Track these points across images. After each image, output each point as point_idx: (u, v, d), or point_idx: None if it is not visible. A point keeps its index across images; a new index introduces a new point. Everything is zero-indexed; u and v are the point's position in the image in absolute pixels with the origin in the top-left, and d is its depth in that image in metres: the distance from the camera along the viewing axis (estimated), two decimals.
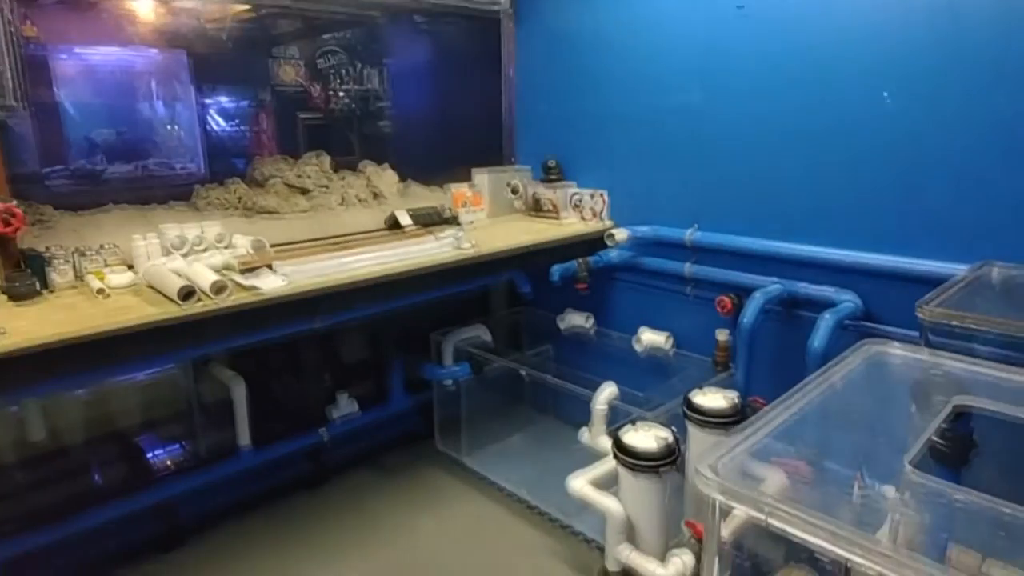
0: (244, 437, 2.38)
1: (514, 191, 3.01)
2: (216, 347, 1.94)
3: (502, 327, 3.14)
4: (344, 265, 2.02)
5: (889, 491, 1.19)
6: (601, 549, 2.29)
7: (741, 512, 0.92)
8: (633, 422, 1.87)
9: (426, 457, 2.93)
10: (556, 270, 2.59)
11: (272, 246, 2.20)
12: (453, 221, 2.75)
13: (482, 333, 2.86)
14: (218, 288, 1.70)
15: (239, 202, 2.69)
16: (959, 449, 1.07)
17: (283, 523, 2.48)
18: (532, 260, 2.51)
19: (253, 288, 1.79)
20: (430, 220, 2.68)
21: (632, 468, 1.76)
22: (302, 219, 2.55)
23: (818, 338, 1.89)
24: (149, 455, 2.49)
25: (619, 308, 2.85)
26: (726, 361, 2.38)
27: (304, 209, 2.65)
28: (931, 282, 1.89)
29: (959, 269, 1.82)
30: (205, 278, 1.72)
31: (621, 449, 1.79)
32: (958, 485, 0.92)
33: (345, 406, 2.70)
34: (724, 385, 2.36)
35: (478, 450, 2.87)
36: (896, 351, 1.18)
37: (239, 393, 2.33)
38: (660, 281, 2.65)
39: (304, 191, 2.73)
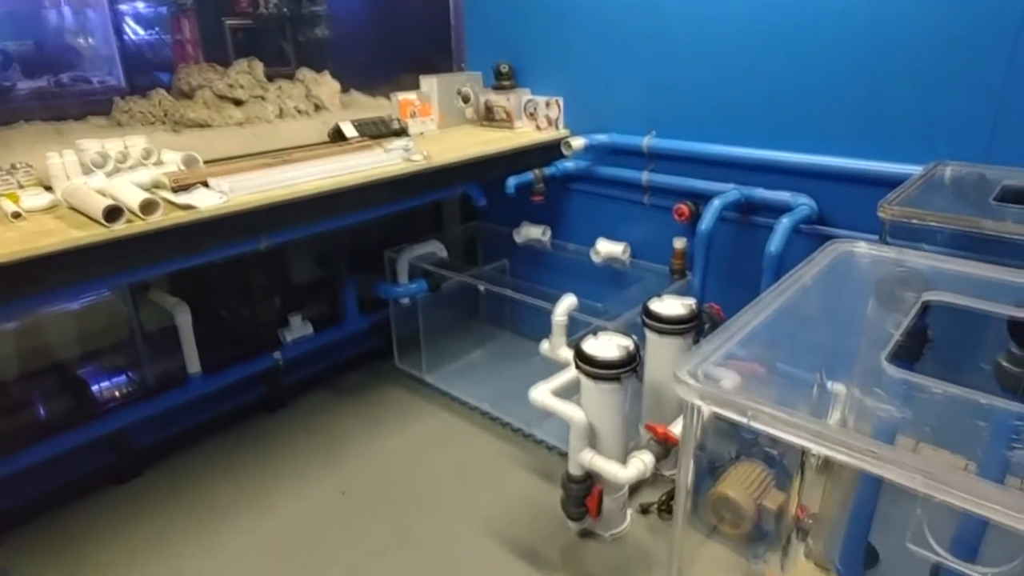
0: (193, 364, 2.29)
1: (465, 99, 2.86)
2: (150, 272, 1.81)
3: (456, 242, 3.06)
4: (287, 179, 1.89)
5: (839, 387, 1.23)
6: (563, 455, 2.35)
7: (706, 412, 0.92)
8: (595, 332, 1.87)
9: (385, 376, 2.91)
10: (512, 181, 2.51)
11: (205, 163, 2.04)
12: (402, 132, 2.61)
13: (437, 249, 2.79)
14: (148, 206, 1.56)
15: (165, 116, 2.48)
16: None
17: (243, 447, 2.45)
18: (486, 171, 2.41)
19: (188, 206, 1.65)
20: (377, 131, 2.53)
21: (594, 377, 1.77)
22: (237, 133, 2.37)
23: (775, 242, 1.89)
24: (94, 386, 2.39)
25: (576, 219, 2.80)
26: (682, 269, 2.39)
27: (238, 121, 2.46)
28: (885, 183, 1.89)
29: (913, 170, 1.83)
30: (133, 197, 1.58)
31: (583, 358, 1.80)
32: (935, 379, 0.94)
33: (298, 328, 2.62)
34: (681, 293, 2.38)
35: (438, 367, 2.87)
36: (863, 250, 1.18)
37: (184, 319, 2.23)
38: (617, 190, 2.60)
39: (237, 102, 2.53)
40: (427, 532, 2.04)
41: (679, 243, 2.36)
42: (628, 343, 1.80)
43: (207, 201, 1.69)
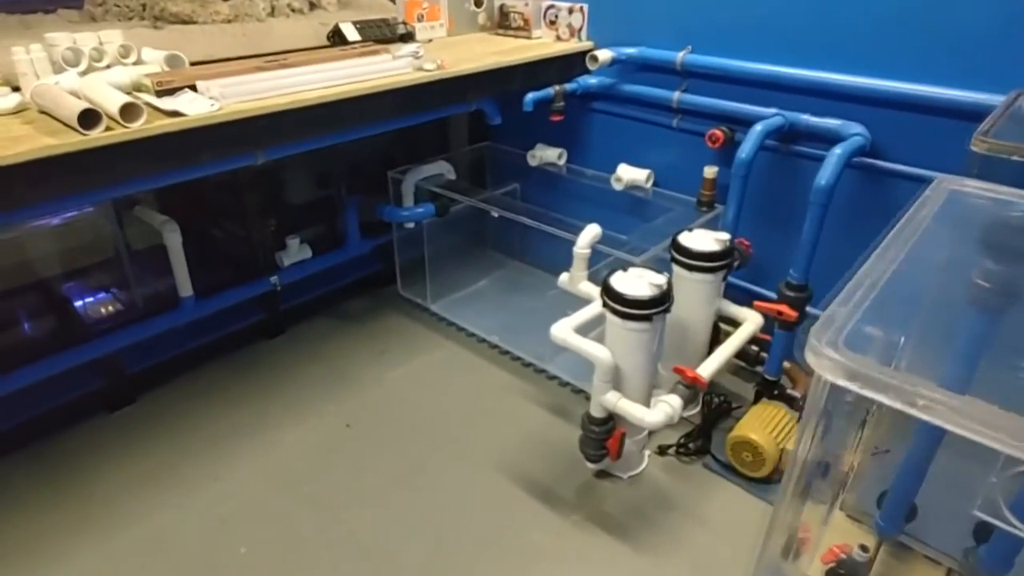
0: (185, 287, 2.13)
1: (477, 3, 2.58)
2: (134, 187, 1.62)
3: (464, 164, 2.86)
4: (286, 86, 1.67)
5: None
6: (576, 391, 2.27)
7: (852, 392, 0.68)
8: (624, 267, 1.73)
9: (388, 303, 2.78)
10: (530, 97, 2.28)
11: (191, 64, 1.81)
12: (408, 38, 2.36)
13: (445, 171, 2.59)
14: (129, 111, 1.36)
15: (144, 10, 2.21)
16: None
17: (242, 375, 2.34)
18: (503, 84, 2.19)
19: (175, 112, 1.45)
20: (382, 35, 2.28)
21: (623, 316, 1.64)
22: (224, 31, 2.11)
23: (825, 174, 1.72)
24: (78, 305, 2.24)
25: (595, 142, 2.60)
26: (712, 200, 2.23)
27: (225, 18, 2.19)
28: (951, 113, 1.74)
29: (985, 100, 1.65)
30: (111, 99, 1.37)
31: (611, 296, 1.66)
32: None
33: (296, 252, 2.46)
34: (709, 226, 2.23)
35: (444, 296, 2.73)
36: (973, 188, 1.03)
37: (173, 239, 2.05)
38: (643, 111, 2.39)
39: None
40: (437, 467, 1.96)
41: (710, 172, 2.19)
42: (660, 280, 1.67)
43: (196, 107, 1.48)
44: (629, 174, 2.40)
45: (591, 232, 1.95)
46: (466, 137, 2.97)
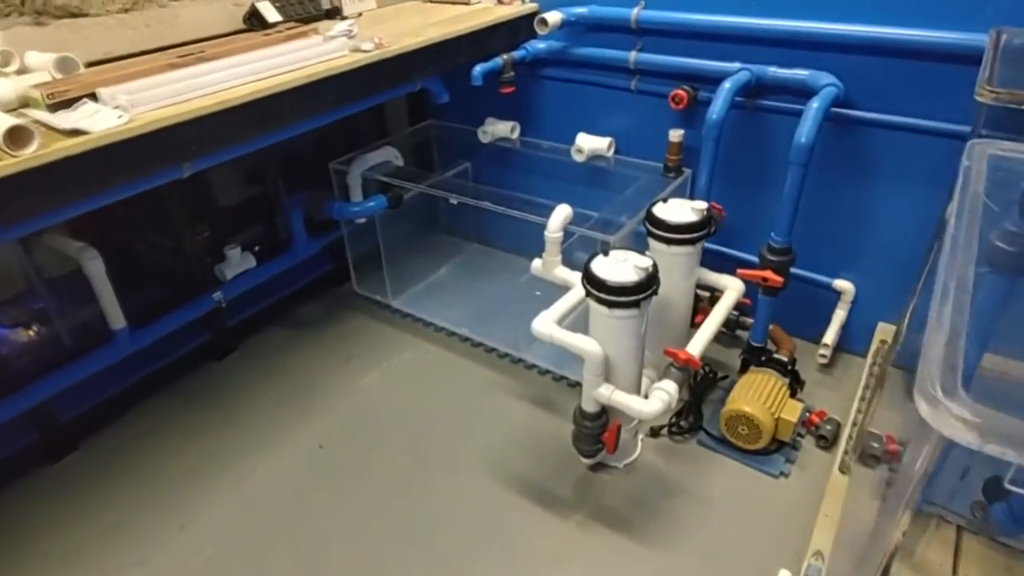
0: (116, 319, 1.90)
1: None
2: (33, 225, 1.39)
3: (406, 146, 2.66)
4: (206, 85, 1.45)
5: None
6: (557, 379, 2.17)
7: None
8: (605, 252, 1.61)
9: (345, 304, 2.60)
10: (478, 70, 2.11)
11: (87, 66, 1.56)
12: (335, 13, 2.13)
13: (392, 157, 2.39)
14: (17, 135, 1.13)
15: (23, 3, 1.90)
16: None
17: (194, 403, 2.13)
18: (448, 59, 2.00)
19: (76, 131, 1.22)
20: (305, 13, 2.05)
21: (609, 304, 1.53)
22: (122, 23, 1.84)
23: (805, 131, 1.64)
24: None
25: (549, 112, 2.44)
26: (679, 165, 2.12)
27: (123, 6, 1.91)
28: (924, 55, 1.67)
29: (959, 39, 1.58)
30: None
31: (594, 283, 1.55)
32: None
33: (238, 262, 2.23)
34: (679, 192, 2.13)
35: (403, 290, 2.57)
36: (1012, 152, 0.94)
37: (94, 267, 1.81)
38: (598, 75, 2.25)
39: None
40: (424, 481, 1.84)
41: (675, 135, 2.07)
42: (646, 263, 1.56)
43: (101, 122, 1.26)
44: (590, 143, 2.26)
45: (562, 213, 1.82)
46: (406, 117, 2.77)
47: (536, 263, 1.90)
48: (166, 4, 2.04)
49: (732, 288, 1.97)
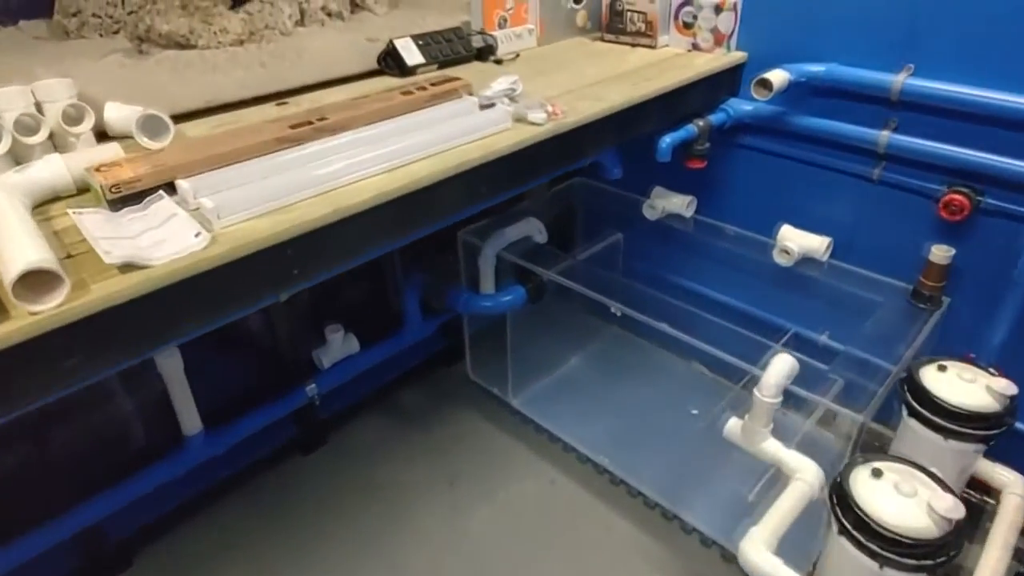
0: (191, 423, 1.54)
1: None
2: (55, 393, 0.94)
3: (546, 210, 2.18)
4: (320, 177, 1.02)
5: None
6: (729, 559, 1.62)
7: None
8: (866, 460, 1.06)
9: (456, 393, 2.16)
10: (667, 143, 1.60)
11: (177, 119, 1.18)
12: (487, 53, 1.68)
13: (535, 231, 1.92)
14: (26, 285, 0.72)
15: (132, 25, 1.59)
16: None
17: (267, 512, 1.76)
18: (633, 128, 1.50)
19: (129, 266, 0.81)
20: (453, 54, 1.62)
21: (887, 563, 0.98)
22: (234, 61, 1.46)
23: None
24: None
25: (740, 191, 1.89)
26: (938, 294, 1.53)
27: (237, 37, 1.55)
28: None
29: None
30: (9, 260, 0.74)
31: (863, 530, 1.00)
32: None
33: (339, 347, 1.83)
34: (935, 333, 1.53)
35: (527, 384, 2.10)
36: None
37: (171, 367, 1.44)
38: (824, 153, 1.68)
39: (237, 1, 1.62)
40: None
41: (941, 254, 1.48)
42: (956, 508, 0.99)
43: (171, 245, 0.85)
44: (802, 242, 1.70)
45: (784, 367, 1.28)
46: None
47: (733, 425, 1.37)
48: (290, 31, 1.67)
49: (1014, 491, 1.35)
